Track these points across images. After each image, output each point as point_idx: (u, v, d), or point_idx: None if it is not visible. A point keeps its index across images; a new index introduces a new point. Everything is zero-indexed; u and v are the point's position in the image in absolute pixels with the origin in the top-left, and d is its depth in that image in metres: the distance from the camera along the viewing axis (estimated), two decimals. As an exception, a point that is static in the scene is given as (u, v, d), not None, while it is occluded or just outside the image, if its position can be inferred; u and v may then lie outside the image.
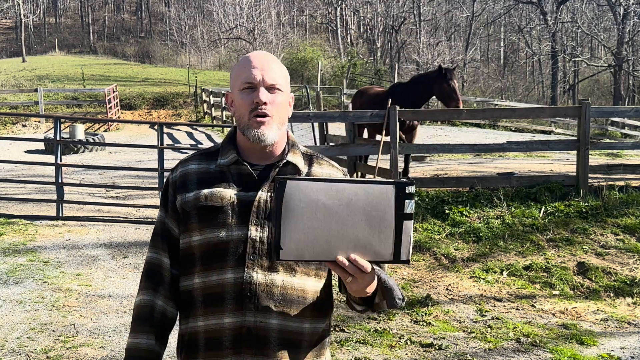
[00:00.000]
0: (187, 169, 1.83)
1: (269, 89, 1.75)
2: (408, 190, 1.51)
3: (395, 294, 1.65)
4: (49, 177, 10.28)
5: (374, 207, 1.50)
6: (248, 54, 1.82)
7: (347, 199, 1.50)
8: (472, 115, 14.51)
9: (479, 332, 5.27)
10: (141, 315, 1.82)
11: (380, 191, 1.50)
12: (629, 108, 12.01)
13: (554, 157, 12.94)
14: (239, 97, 1.77)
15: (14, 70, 36.47)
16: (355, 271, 1.50)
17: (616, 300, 6.31)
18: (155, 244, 1.85)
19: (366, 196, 1.50)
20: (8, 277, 6.36)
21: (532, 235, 7.58)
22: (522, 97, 43.21)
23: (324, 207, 1.49)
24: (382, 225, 1.51)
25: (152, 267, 1.84)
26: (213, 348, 1.72)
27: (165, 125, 12.52)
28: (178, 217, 1.80)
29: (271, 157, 1.80)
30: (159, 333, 1.82)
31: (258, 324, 1.68)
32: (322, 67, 33.34)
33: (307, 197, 1.48)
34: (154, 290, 1.83)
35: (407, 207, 1.51)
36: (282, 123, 1.79)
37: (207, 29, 51.66)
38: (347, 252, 1.51)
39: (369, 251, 1.52)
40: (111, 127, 22.84)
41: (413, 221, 1.53)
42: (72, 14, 75.47)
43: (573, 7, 43.82)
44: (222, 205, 1.74)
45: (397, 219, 1.51)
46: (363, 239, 1.51)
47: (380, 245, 1.52)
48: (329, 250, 1.50)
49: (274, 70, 1.76)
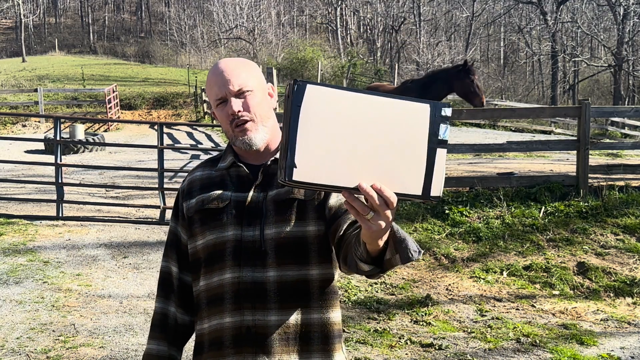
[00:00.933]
0: (193, 177, 1.88)
1: (238, 95, 1.74)
2: (444, 112, 1.30)
3: (409, 245, 1.39)
4: (49, 177, 10.28)
5: (406, 126, 1.27)
6: (210, 69, 1.81)
7: (376, 115, 1.26)
8: (472, 115, 14.47)
9: (479, 332, 5.27)
10: (154, 322, 1.89)
11: (414, 109, 1.28)
12: (629, 108, 12.01)
13: (554, 157, 12.94)
14: (218, 113, 1.78)
15: (14, 70, 36.49)
16: (380, 204, 1.27)
17: (616, 300, 6.31)
18: (166, 253, 1.92)
19: (397, 114, 1.27)
20: (8, 277, 6.36)
21: (532, 235, 7.58)
22: (522, 97, 43.20)
23: (348, 120, 1.25)
24: (413, 149, 1.28)
25: (164, 275, 1.92)
26: (215, 348, 1.73)
27: (165, 125, 12.52)
28: (185, 224, 1.86)
29: (267, 154, 1.81)
30: (171, 338, 1.87)
31: (257, 322, 1.68)
32: (322, 67, 33.35)
33: (329, 107, 1.25)
34: (165, 297, 1.90)
35: (442, 132, 1.30)
36: (266, 119, 1.77)
37: (207, 29, 51.67)
38: (370, 178, 1.26)
39: (396, 181, 1.28)
40: (111, 127, 22.83)
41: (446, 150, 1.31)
42: (72, 14, 75.49)
43: (573, 7, 43.82)
44: (219, 207, 1.76)
45: (430, 145, 1.29)
46: (390, 165, 1.27)
47: (409, 174, 1.29)
48: (348, 173, 1.25)
49: (237, 75, 1.74)
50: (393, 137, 1.27)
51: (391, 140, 1.27)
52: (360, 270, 1.52)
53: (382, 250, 1.43)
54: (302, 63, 35.63)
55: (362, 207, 1.29)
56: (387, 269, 1.46)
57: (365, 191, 1.26)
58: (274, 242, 1.71)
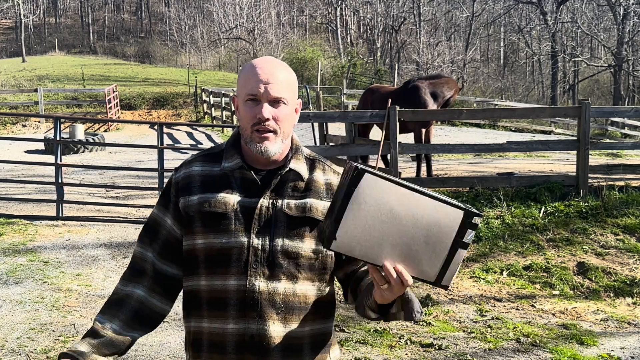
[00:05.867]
0: (191, 171, 1.81)
1: (273, 102, 1.70)
2: (475, 220, 1.49)
3: (414, 307, 1.60)
4: (49, 177, 10.28)
5: (437, 226, 1.48)
6: (254, 60, 1.76)
7: (415, 210, 1.46)
8: (472, 115, 14.50)
9: (479, 332, 5.27)
10: (111, 301, 1.81)
11: (448, 213, 1.48)
12: (629, 108, 12.01)
13: (554, 157, 12.94)
14: (243, 107, 1.73)
15: (14, 70, 36.48)
16: (396, 282, 1.50)
17: (616, 300, 6.31)
18: (143, 240, 1.86)
19: (433, 213, 1.47)
20: (8, 277, 6.36)
21: (532, 235, 7.58)
22: (522, 97, 43.19)
23: (390, 210, 1.45)
24: (437, 246, 1.49)
25: (136, 260, 1.85)
26: (217, 351, 1.73)
27: (165, 125, 12.52)
28: (180, 218, 1.79)
29: (275, 162, 1.78)
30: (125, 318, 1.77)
31: (261, 331, 1.69)
32: (322, 67, 33.34)
33: (378, 195, 1.44)
34: (132, 281, 1.82)
35: (467, 237, 1.49)
36: (287, 135, 1.76)
37: (207, 29, 51.66)
38: (394, 260, 1.48)
39: (415, 267, 1.50)
40: (111, 127, 22.83)
41: (466, 251, 1.52)
42: (72, 14, 75.47)
43: (573, 7, 43.81)
44: (225, 212, 1.73)
45: (453, 244, 1.49)
46: (414, 254, 1.49)
47: (428, 264, 1.50)
48: (378, 253, 1.47)
49: (279, 81, 1.70)
50: (424, 232, 1.48)
51: (421, 234, 1.48)
52: (366, 316, 1.70)
53: (389, 305, 1.63)
54: (302, 63, 35.63)
55: (380, 279, 1.52)
56: (390, 320, 1.67)
57: (387, 271, 1.49)
58: (284, 255, 1.71)
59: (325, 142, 10.85)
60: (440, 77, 10.59)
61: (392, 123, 8.65)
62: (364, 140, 10.27)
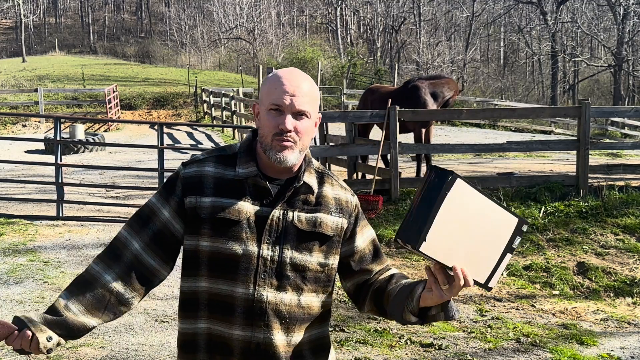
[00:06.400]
0: (203, 171, 1.78)
1: (297, 114, 1.72)
2: (524, 227, 1.62)
3: (453, 306, 1.67)
4: (49, 177, 10.28)
5: (498, 232, 1.59)
6: (281, 70, 1.78)
7: (487, 216, 1.57)
8: (472, 115, 14.52)
9: (479, 332, 5.27)
10: (79, 279, 1.75)
11: (507, 219, 1.60)
12: (629, 108, 12.02)
13: (554, 157, 12.94)
14: (265, 115, 1.74)
15: (14, 70, 36.48)
16: (460, 285, 1.56)
17: (616, 300, 6.31)
18: (132, 227, 1.80)
19: (498, 219, 1.59)
20: (8, 277, 6.36)
21: (532, 235, 7.58)
22: (522, 97, 43.21)
23: (470, 217, 1.55)
24: (495, 250, 1.60)
25: (117, 243, 1.79)
26: (219, 352, 1.75)
27: (165, 125, 12.52)
28: (184, 215, 1.78)
29: (289, 172, 1.80)
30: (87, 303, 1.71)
31: (267, 340, 1.73)
32: (322, 67, 33.34)
33: (466, 202, 1.54)
34: (106, 265, 1.76)
35: (516, 242, 1.62)
36: (305, 148, 1.79)
37: (207, 29, 51.68)
38: (461, 263, 1.56)
39: (475, 269, 1.59)
40: (111, 127, 22.83)
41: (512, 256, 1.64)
42: (72, 14, 75.49)
43: (573, 7, 43.81)
44: (238, 220, 1.73)
45: (505, 250, 1.61)
46: (477, 257, 1.58)
47: (485, 267, 1.61)
48: (451, 255, 1.55)
49: (304, 94, 1.73)
50: (489, 237, 1.59)
51: (488, 239, 1.59)
52: (404, 319, 1.72)
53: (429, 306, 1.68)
54: (302, 63, 35.62)
55: (443, 280, 1.58)
56: (429, 322, 1.72)
57: (456, 274, 1.56)
58: (292, 267, 1.75)
59: (325, 142, 10.85)
60: (441, 77, 10.59)
61: (392, 123, 8.65)
62: (364, 140, 10.28)
